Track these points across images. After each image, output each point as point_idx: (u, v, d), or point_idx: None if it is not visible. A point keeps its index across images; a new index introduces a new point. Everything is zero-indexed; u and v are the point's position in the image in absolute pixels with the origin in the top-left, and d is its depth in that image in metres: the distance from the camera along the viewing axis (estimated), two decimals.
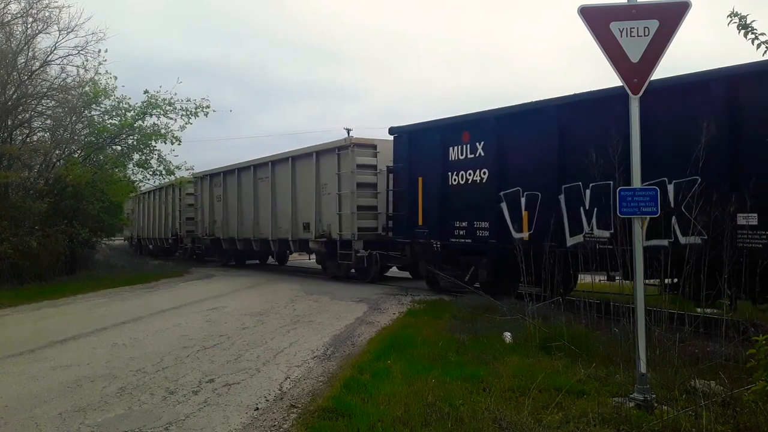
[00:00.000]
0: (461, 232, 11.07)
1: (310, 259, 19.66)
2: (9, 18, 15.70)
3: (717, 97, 7.49)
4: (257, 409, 4.80)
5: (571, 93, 9.60)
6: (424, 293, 12.06)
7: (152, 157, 18.68)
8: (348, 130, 18.22)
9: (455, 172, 11.25)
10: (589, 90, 9.21)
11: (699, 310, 7.70)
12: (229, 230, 19.91)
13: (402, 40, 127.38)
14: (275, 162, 17.30)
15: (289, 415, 4.63)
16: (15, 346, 7.43)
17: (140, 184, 21.46)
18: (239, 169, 19.26)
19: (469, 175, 10.99)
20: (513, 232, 9.94)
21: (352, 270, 14.96)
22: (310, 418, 4.50)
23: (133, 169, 19.55)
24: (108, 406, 4.92)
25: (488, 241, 10.62)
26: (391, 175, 13.35)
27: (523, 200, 9.85)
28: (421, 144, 12.16)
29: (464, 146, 11.06)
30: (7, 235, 14.04)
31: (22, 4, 15.63)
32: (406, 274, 15.53)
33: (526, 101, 10.25)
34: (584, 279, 9.50)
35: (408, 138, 12.52)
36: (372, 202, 14.26)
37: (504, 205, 10.28)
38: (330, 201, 14.80)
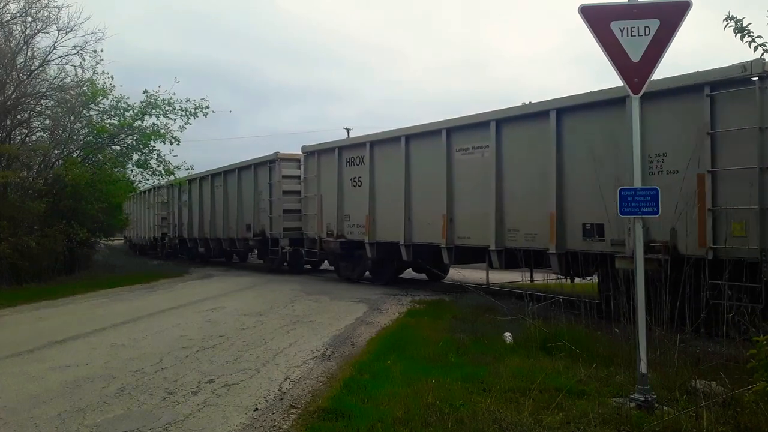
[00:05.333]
0: None
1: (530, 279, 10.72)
2: (8, 18, 15.71)
3: None
4: (257, 409, 4.79)
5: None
6: (424, 293, 12.05)
7: (152, 158, 18.65)
8: (348, 130, 17.46)
9: None
10: None
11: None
12: (387, 231, 12.86)
13: (391, 44, 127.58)
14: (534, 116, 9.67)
15: (288, 416, 4.62)
16: (14, 346, 7.41)
17: (139, 184, 21.31)
18: (451, 130, 11.27)
19: None
20: None
21: None
22: (309, 418, 4.49)
23: (132, 169, 19.52)
24: (107, 407, 4.91)
25: None
26: None
27: None
28: None
29: None
30: (6, 235, 14.02)
31: (22, 4, 15.65)
32: None
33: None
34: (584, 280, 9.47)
35: None
36: None
37: None
38: None
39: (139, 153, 18.53)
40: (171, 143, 18.27)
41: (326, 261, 16.78)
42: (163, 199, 25.20)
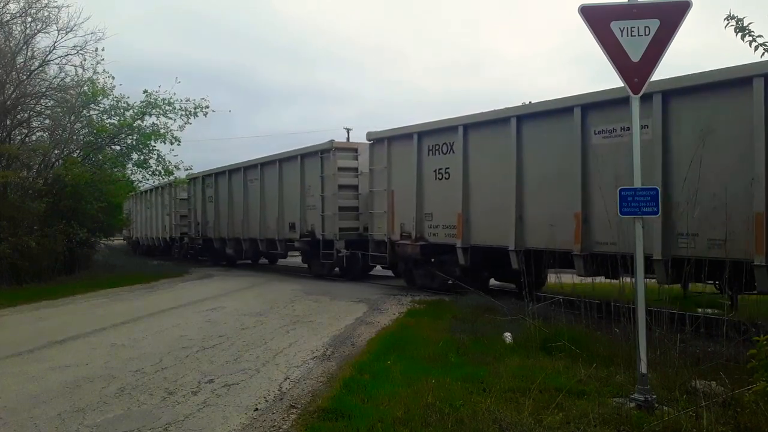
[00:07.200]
0: None
1: None
2: (8, 18, 15.71)
3: None
4: (257, 409, 4.79)
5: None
6: (424, 293, 12.04)
7: (151, 157, 18.63)
8: (348, 130, 16.73)
9: None
10: None
11: (700, 310, 7.72)
12: (486, 233, 10.94)
13: (390, 44, 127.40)
14: None
15: (288, 416, 4.62)
16: (14, 346, 7.41)
17: (139, 184, 21.27)
18: (588, 107, 9.01)
19: None
20: None
21: None
22: (309, 418, 4.49)
23: (132, 169, 19.50)
24: (107, 407, 4.91)
25: None
26: None
27: None
28: None
29: None
30: (6, 235, 14.03)
31: (21, 4, 15.64)
32: None
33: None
34: (585, 279, 9.47)
35: None
36: None
37: None
38: None
39: (139, 153, 18.52)
40: (171, 143, 18.27)
41: (379, 266, 14.57)
42: (183, 196, 23.04)
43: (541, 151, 9.78)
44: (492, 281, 12.35)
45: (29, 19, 15.70)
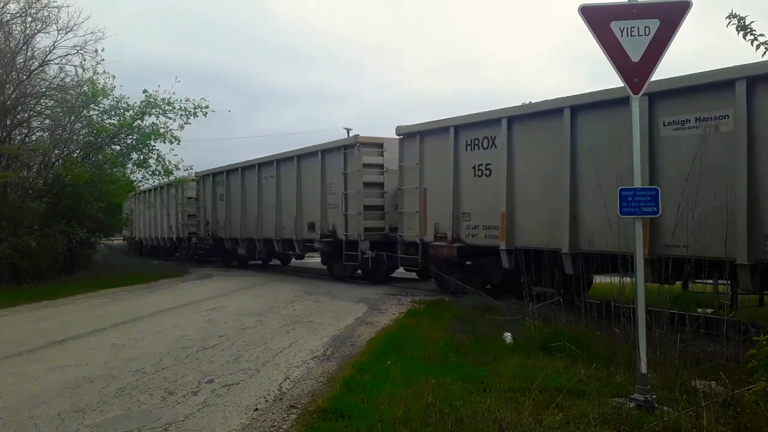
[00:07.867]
0: None
1: None
2: (8, 18, 15.72)
3: None
4: (257, 409, 4.79)
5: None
6: (424, 293, 12.04)
7: (151, 157, 18.63)
8: (348, 130, 16.42)
9: None
10: None
11: (699, 310, 7.73)
12: (533, 234, 9.94)
13: (390, 45, 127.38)
14: None
15: (288, 416, 4.62)
16: (14, 346, 7.41)
17: (139, 184, 21.30)
18: (656, 96, 7.98)
19: None
20: None
21: None
22: (309, 418, 4.49)
23: (131, 169, 19.52)
24: (107, 407, 4.91)
25: None
26: None
27: None
28: None
29: None
30: (6, 235, 14.04)
31: (21, 4, 15.66)
32: None
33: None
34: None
35: None
36: None
37: None
38: None
39: (139, 153, 18.52)
40: (171, 143, 18.28)
41: (402, 268, 14.01)
42: (189, 195, 22.50)
43: (600, 145, 8.75)
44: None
45: (29, 19, 15.74)
